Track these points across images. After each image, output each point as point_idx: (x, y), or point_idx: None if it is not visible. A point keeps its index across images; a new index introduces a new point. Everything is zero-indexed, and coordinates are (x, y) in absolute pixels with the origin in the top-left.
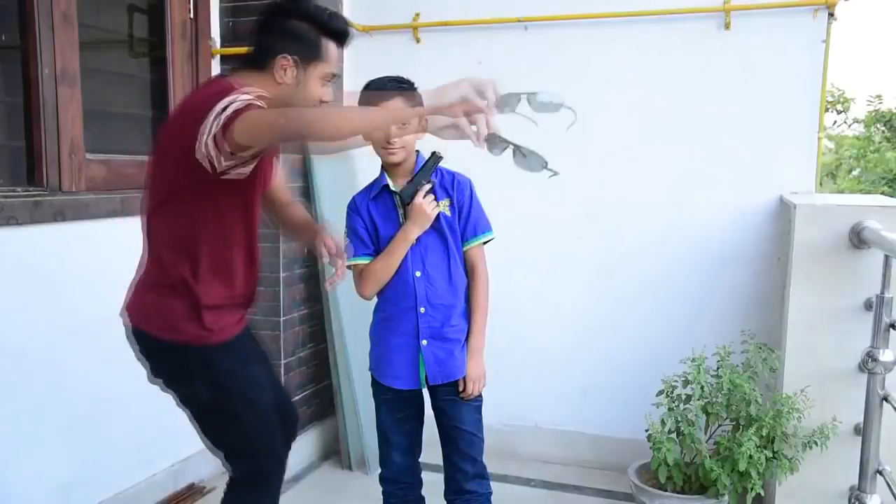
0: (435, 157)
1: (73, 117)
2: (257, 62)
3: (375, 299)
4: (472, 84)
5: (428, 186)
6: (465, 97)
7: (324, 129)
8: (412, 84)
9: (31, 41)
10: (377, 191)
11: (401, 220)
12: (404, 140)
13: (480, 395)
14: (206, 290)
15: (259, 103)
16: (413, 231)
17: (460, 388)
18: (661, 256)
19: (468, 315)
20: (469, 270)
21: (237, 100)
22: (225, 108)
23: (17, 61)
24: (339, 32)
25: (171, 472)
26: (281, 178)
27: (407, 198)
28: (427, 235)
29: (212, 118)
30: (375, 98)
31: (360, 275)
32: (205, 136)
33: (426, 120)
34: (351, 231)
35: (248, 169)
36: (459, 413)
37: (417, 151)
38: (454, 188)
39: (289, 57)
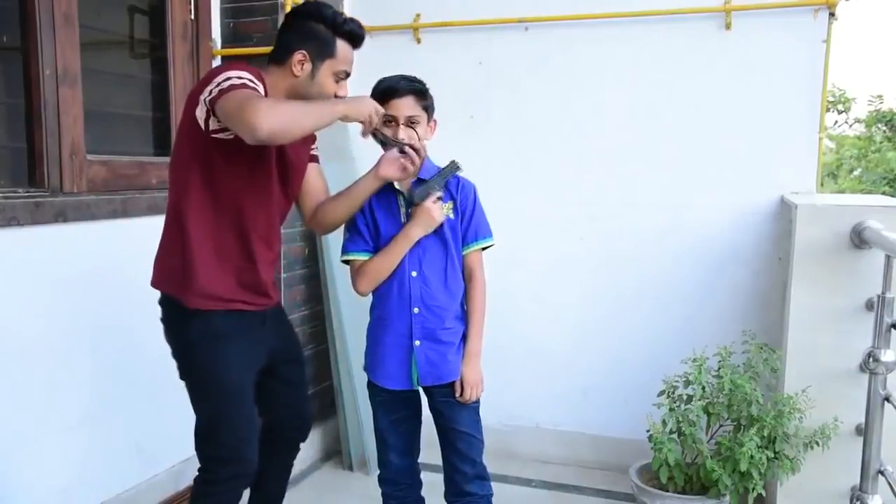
0: (453, 166)
1: (74, 118)
2: (278, 57)
3: (371, 298)
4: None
5: (439, 193)
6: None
7: (279, 124)
8: (423, 83)
9: (32, 42)
10: (381, 188)
11: (402, 219)
12: (412, 138)
13: (478, 398)
14: (195, 256)
15: (252, 86)
16: (416, 232)
17: (458, 393)
18: (661, 256)
19: (465, 320)
20: (467, 275)
21: (233, 76)
22: (224, 80)
23: (18, 62)
24: (352, 34)
25: (173, 473)
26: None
27: (418, 199)
28: (427, 236)
29: (213, 85)
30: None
31: (357, 271)
32: (203, 96)
33: (435, 122)
34: (351, 225)
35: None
36: (457, 415)
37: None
38: (458, 191)
39: (304, 52)
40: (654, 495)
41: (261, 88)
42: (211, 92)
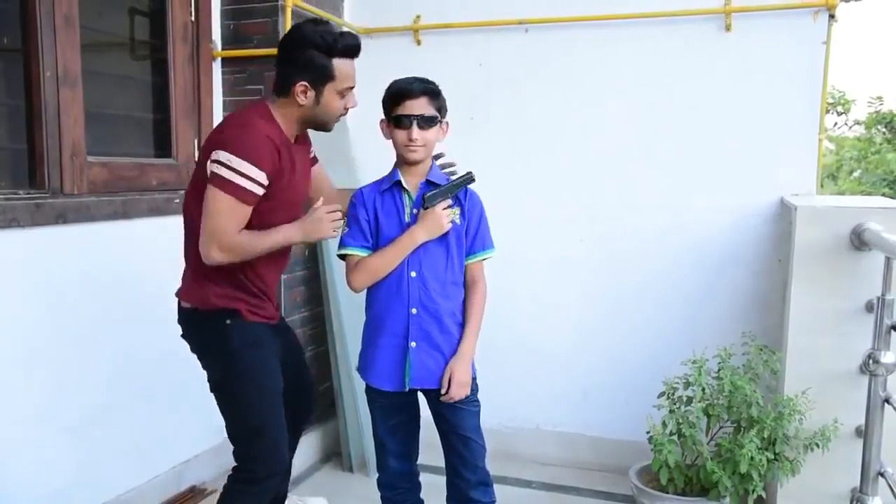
0: (469, 177)
1: (74, 119)
2: (281, 90)
3: (366, 298)
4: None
5: (450, 201)
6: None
7: (227, 259)
8: (436, 84)
9: (32, 44)
10: (387, 186)
11: (405, 218)
12: (425, 139)
13: (478, 401)
14: (259, 270)
15: (240, 187)
16: (421, 235)
17: (442, 391)
18: (661, 258)
19: (463, 322)
20: (470, 282)
21: (225, 162)
22: (217, 164)
23: (19, 64)
24: (347, 50)
25: (173, 475)
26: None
27: (430, 203)
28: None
29: (213, 154)
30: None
31: (355, 266)
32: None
33: (447, 124)
34: (352, 220)
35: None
36: (459, 418)
37: (433, 160)
38: (466, 200)
39: (304, 83)
40: (654, 497)
41: (254, 175)
42: (210, 162)
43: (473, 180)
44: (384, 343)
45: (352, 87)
